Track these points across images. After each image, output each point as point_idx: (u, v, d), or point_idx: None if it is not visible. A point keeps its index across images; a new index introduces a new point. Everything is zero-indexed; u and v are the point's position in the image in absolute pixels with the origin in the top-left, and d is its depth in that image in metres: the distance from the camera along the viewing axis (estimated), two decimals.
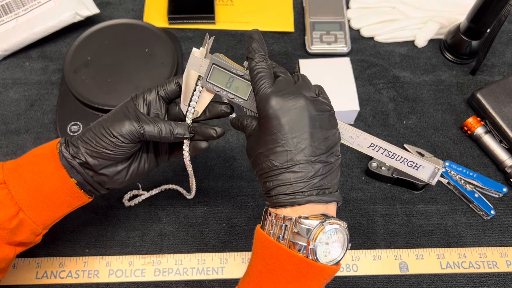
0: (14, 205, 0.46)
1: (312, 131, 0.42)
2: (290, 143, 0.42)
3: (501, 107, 0.69)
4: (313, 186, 0.42)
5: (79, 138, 0.47)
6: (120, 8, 0.82)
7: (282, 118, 0.42)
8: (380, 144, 0.47)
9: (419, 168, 0.47)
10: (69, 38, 0.78)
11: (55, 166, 0.47)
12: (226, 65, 0.47)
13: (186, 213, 0.64)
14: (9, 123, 0.70)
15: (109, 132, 0.46)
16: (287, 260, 0.41)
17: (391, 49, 0.80)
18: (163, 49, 0.72)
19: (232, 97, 0.48)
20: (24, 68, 0.75)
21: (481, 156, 0.70)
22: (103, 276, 0.59)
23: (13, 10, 0.75)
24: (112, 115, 0.48)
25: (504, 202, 0.67)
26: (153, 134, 0.47)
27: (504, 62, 0.79)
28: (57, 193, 0.47)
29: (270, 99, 0.42)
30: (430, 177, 0.48)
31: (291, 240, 0.41)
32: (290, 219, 0.41)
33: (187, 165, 0.52)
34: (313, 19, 0.80)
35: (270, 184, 0.43)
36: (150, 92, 0.49)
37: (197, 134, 0.51)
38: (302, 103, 0.42)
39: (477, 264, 0.62)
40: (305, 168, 0.41)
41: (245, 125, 0.47)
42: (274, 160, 0.42)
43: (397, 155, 0.47)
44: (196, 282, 0.60)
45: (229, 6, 0.83)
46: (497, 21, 0.68)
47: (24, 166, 0.47)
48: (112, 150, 0.47)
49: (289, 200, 0.42)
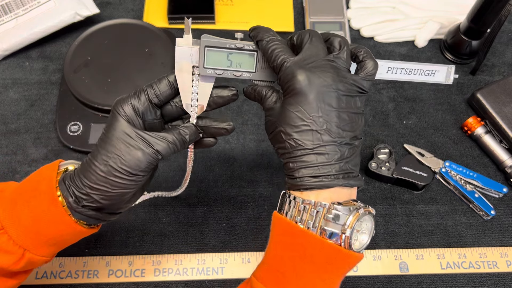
0: (18, 248, 0.42)
1: (339, 111, 0.39)
2: (317, 122, 0.39)
3: (501, 107, 0.69)
4: (339, 169, 0.39)
5: (86, 185, 0.41)
6: (120, 8, 0.82)
7: (310, 94, 0.38)
8: (396, 65, 0.46)
9: (435, 73, 0.47)
10: (69, 38, 0.78)
11: (59, 214, 0.42)
12: (220, 42, 0.43)
13: (186, 213, 0.64)
14: (9, 123, 0.70)
15: (126, 171, 0.41)
16: (316, 248, 0.39)
17: (391, 49, 0.79)
18: (163, 49, 0.72)
19: (238, 74, 0.44)
20: (24, 68, 0.75)
21: (481, 156, 0.70)
22: (103, 276, 0.59)
23: (13, 10, 0.75)
24: (117, 149, 0.41)
25: (504, 202, 0.67)
26: (169, 153, 0.42)
27: (504, 62, 0.79)
28: (63, 236, 0.43)
29: (297, 72, 0.39)
30: (447, 77, 0.47)
31: (323, 227, 0.38)
32: (322, 205, 0.38)
33: (189, 160, 0.49)
34: (313, 19, 0.80)
35: (294, 165, 0.40)
36: (138, 99, 0.43)
37: (205, 133, 0.47)
38: (331, 79, 0.39)
39: (477, 264, 0.62)
40: (332, 150, 0.39)
41: (264, 96, 0.43)
42: (298, 140, 0.39)
43: (414, 69, 0.46)
44: (196, 282, 0.60)
45: (229, 6, 0.83)
46: (497, 21, 0.68)
47: (22, 210, 0.42)
48: (132, 188, 0.42)
49: (316, 183, 0.39)
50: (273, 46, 0.41)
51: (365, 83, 0.41)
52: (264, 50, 0.42)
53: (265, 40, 0.41)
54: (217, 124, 0.46)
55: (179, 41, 0.43)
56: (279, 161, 0.68)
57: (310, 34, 0.41)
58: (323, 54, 0.41)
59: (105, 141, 0.41)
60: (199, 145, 0.48)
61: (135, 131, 0.41)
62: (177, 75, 0.44)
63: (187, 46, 0.43)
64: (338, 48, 0.41)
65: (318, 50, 0.41)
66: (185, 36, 0.43)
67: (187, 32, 0.43)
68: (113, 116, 0.42)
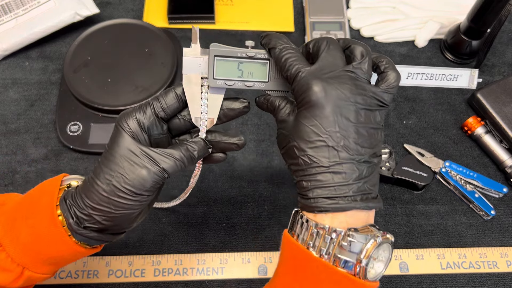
0: (17, 266, 0.41)
1: (358, 126, 0.36)
2: (333, 138, 0.36)
3: (501, 107, 0.69)
4: (357, 190, 0.36)
5: (88, 206, 0.39)
6: (120, 8, 0.82)
7: (326, 107, 0.36)
8: (417, 71, 0.44)
9: (458, 78, 0.45)
10: (68, 38, 0.78)
11: (58, 234, 0.40)
12: (230, 51, 0.40)
13: (186, 213, 0.64)
14: (9, 123, 0.70)
15: (130, 191, 0.38)
16: (329, 278, 0.36)
17: (391, 49, 0.79)
18: (163, 49, 0.72)
19: (250, 84, 0.41)
20: (24, 68, 0.75)
21: (481, 156, 0.70)
22: (103, 276, 0.59)
23: (13, 10, 0.74)
24: (120, 167, 0.39)
25: (505, 202, 0.67)
26: (176, 171, 0.40)
27: (504, 62, 0.79)
28: (64, 256, 0.42)
29: (313, 83, 0.36)
30: (470, 82, 0.45)
31: (337, 255, 0.35)
32: (338, 232, 0.36)
33: (194, 176, 0.47)
34: (313, 19, 0.80)
35: (308, 184, 0.37)
36: (144, 113, 0.41)
37: (214, 148, 0.44)
38: (349, 92, 0.36)
39: (477, 264, 0.62)
40: (349, 168, 0.36)
41: (277, 106, 0.41)
42: (313, 156, 0.36)
43: (436, 74, 0.44)
44: (196, 283, 0.60)
45: (229, 6, 0.83)
46: (497, 21, 0.68)
47: (22, 227, 0.41)
48: (136, 208, 0.40)
49: (331, 206, 0.36)
50: (287, 55, 0.38)
51: (386, 96, 0.38)
52: (277, 58, 0.39)
53: (278, 48, 0.39)
54: (227, 139, 0.44)
55: (187, 51, 0.41)
56: (279, 161, 0.68)
57: (327, 41, 0.39)
58: (341, 63, 0.38)
59: (108, 159, 0.39)
60: (208, 161, 0.46)
61: (140, 148, 0.39)
62: (185, 88, 0.41)
63: (195, 56, 0.41)
64: (359, 58, 0.38)
65: (335, 59, 0.38)
66: (192, 45, 0.41)
67: (195, 41, 0.41)
68: (117, 131, 0.40)
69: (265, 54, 0.42)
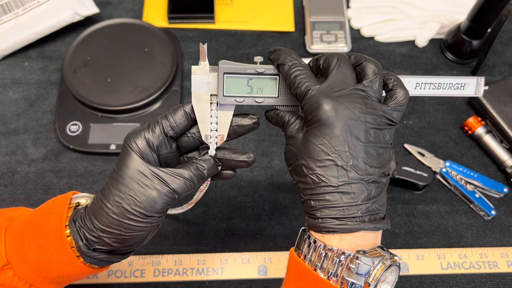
0: (24, 284, 0.41)
1: (367, 146, 0.36)
2: (342, 157, 0.36)
3: (502, 107, 0.69)
4: (366, 211, 0.36)
5: (98, 228, 0.39)
6: (119, 8, 0.82)
7: (336, 126, 0.36)
8: (424, 81, 0.44)
9: (464, 86, 0.46)
10: (68, 38, 0.78)
11: (66, 255, 0.40)
12: (239, 68, 0.40)
13: (186, 213, 0.64)
14: (8, 123, 0.70)
15: (140, 213, 0.38)
16: None
17: (391, 48, 0.79)
18: (163, 48, 0.72)
19: (260, 101, 0.41)
20: (24, 68, 0.75)
21: (482, 156, 0.70)
22: (102, 276, 0.59)
23: (13, 10, 0.74)
24: (130, 189, 0.38)
25: (505, 202, 0.67)
26: (187, 191, 0.40)
27: (504, 61, 0.79)
28: (71, 276, 0.42)
29: (323, 101, 0.36)
30: (477, 90, 0.46)
31: (345, 277, 0.35)
32: (346, 254, 0.35)
33: (201, 191, 0.47)
34: (313, 18, 0.80)
35: (316, 204, 0.37)
36: (153, 132, 0.40)
37: (223, 165, 0.44)
38: (358, 111, 0.36)
39: (478, 265, 0.62)
40: (358, 188, 0.36)
41: (287, 122, 0.40)
42: (321, 175, 0.36)
43: (443, 83, 0.44)
44: (196, 283, 0.60)
45: (229, 5, 0.83)
46: (497, 20, 0.68)
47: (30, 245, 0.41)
48: (147, 230, 0.40)
49: (339, 227, 0.36)
50: (296, 72, 0.38)
51: (395, 114, 0.38)
52: (287, 75, 0.39)
53: (288, 65, 0.38)
54: (237, 156, 0.44)
55: (195, 69, 0.40)
56: (279, 161, 0.68)
57: (338, 58, 0.38)
58: (351, 81, 0.38)
59: (117, 180, 0.39)
60: (216, 178, 0.45)
61: (150, 169, 0.39)
62: (195, 106, 0.41)
63: (204, 74, 0.40)
64: (370, 76, 0.38)
65: (346, 77, 0.38)
66: (201, 63, 0.40)
67: (203, 59, 0.40)
68: (125, 151, 0.40)
69: (274, 69, 0.41)
